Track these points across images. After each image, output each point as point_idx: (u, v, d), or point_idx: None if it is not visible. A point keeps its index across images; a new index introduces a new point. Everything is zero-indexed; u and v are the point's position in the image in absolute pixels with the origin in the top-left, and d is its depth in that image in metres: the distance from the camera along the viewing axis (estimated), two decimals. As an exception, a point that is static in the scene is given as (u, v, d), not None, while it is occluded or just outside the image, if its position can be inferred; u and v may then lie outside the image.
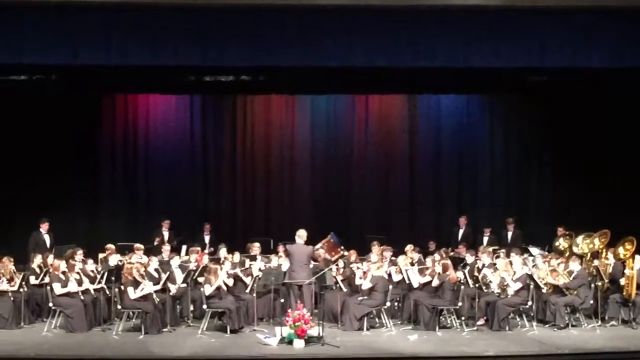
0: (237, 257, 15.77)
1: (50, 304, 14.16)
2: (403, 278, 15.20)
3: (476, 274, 15.17)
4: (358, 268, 15.10)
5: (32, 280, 15.03)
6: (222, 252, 16.06)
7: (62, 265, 14.38)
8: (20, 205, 18.65)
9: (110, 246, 16.35)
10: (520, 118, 20.34)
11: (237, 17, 14.45)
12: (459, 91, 19.40)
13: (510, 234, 18.49)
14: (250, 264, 15.52)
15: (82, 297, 14.13)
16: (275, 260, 15.79)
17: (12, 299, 14.37)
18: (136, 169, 20.18)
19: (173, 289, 14.65)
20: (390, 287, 14.66)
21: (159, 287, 14.24)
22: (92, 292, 14.52)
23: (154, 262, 14.94)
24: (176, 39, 14.49)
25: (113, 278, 14.52)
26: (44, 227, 17.38)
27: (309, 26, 14.57)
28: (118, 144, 20.13)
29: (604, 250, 16.05)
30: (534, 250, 16.98)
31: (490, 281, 14.77)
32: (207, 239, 18.46)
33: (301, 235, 14.79)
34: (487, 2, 14.44)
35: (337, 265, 15.69)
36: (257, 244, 16.54)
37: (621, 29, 14.63)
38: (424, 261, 15.82)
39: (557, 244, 17.41)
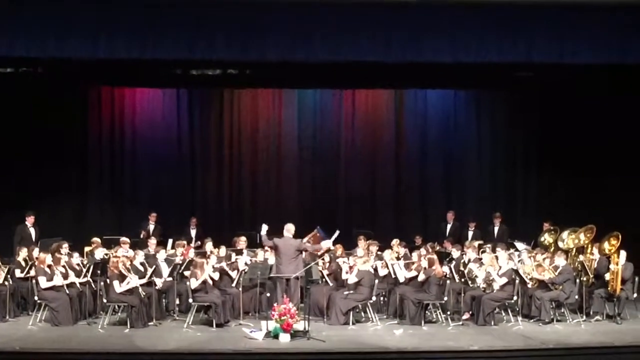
0: (223, 251, 15.78)
1: (36, 298, 14.13)
2: (389, 272, 15.22)
3: (462, 268, 15.21)
4: (344, 262, 15.12)
5: (18, 273, 14.97)
6: (208, 246, 16.08)
7: (48, 258, 14.35)
8: (5, 199, 18.57)
9: (96, 240, 16.34)
10: (507, 113, 20.38)
11: (224, 11, 14.40)
12: (445, 86, 19.44)
13: (496, 229, 18.54)
14: (236, 258, 15.51)
15: (67, 291, 14.09)
16: (261, 254, 15.77)
17: (-3, 292, 14.37)
18: (123, 162, 20.14)
19: (159, 282, 14.65)
20: (376, 281, 14.68)
21: (144, 280, 14.23)
22: (78, 285, 14.47)
23: (140, 256, 14.93)
24: (163, 32, 14.43)
25: (99, 272, 14.48)
26: (29, 221, 17.32)
27: (297, 20, 14.53)
28: (105, 138, 20.08)
29: (589, 245, 16.09)
30: (520, 245, 17.02)
31: (476, 276, 14.81)
32: (193, 232, 18.44)
33: (289, 229, 14.77)
34: (474, -2, 14.48)
35: (323, 259, 15.71)
36: (243, 238, 16.57)
37: (608, 26, 14.64)
38: (410, 256, 15.87)
39: (542, 239, 17.46)
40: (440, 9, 14.54)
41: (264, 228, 14.93)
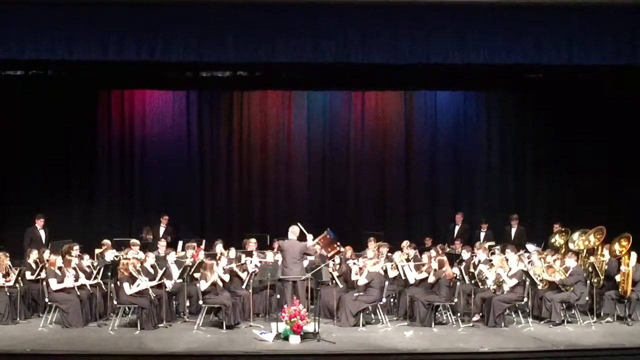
0: (232, 252, 15.78)
1: (46, 300, 14.14)
2: (399, 274, 15.22)
3: (472, 270, 15.17)
4: (354, 264, 15.11)
5: (28, 275, 15.01)
6: (218, 247, 16.07)
7: (59, 260, 14.38)
8: (15, 201, 18.65)
9: (107, 242, 16.32)
10: (516, 115, 20.34)
11: (234, 13, 14.43)
12: (455, 88, 19.41)
13: (514, 230, 18.46)
14: (246, 260, 15.52)
15: (78, 293, 14.12)
16: (271, 255, 15.77)
17: (8, 294, 14.36)
18: (132, 164, 20.12)
19: (169, 284, 14.67)
20: (386, 283, 14.66)
21: (155, 282, 14.24)
22: (89, 287, 14.51)
23: (150, 258, 14.93)
24: (172, 35, 14.45)
25: (109, 273, 14.49)
26: (39, 223, 17.32)
27: (306, 22, 14.55)
28: (114, 140, 20.07)
29: (600, 246, 16.04)
30: (530, 246, 16.99)
31: (486, 277, 14.79)
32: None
33: (294, 231, 14.72)
34: (483, -1, 14.49)
35: (333, 261, 15.70)
36: (253, 240, 16.57)
37: (617, 27, 14.64)
38: (420, 257, 15.84)
39: (552, 240, 17.42)
40: (449, 10, 14.55)
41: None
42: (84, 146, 19.74)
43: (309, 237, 14.89)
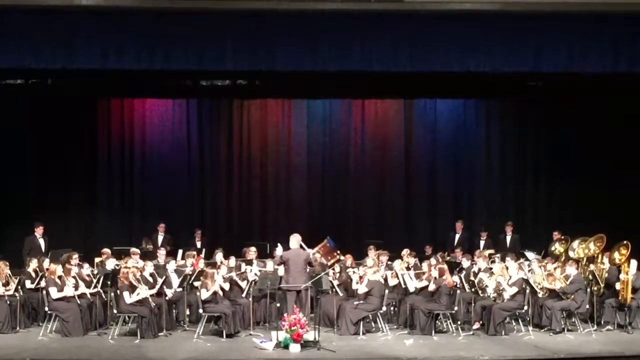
0: (232, 261, 15.76)
1: (46, 308, 14.12)
2: (399, 282, 15.21)
3: (472, 278, 15.16)
4: (354, 272, 15.09)
5: (28, 284, 14.98)
6: (218, 256, 16.04)
7: (59, 269, 14.35)
8: (15, 209, 18.61)
9: (107, 250, 16.30)
10: (516, 122, 20.33)
11: (233, 22, 14.47)
12: (455, 96, 19.43)
13: (508, 238, 18.49)
14: (246, 268, 15.50)
15: (78, 302, 14.09)
16: (270, 264, 15.75)
17: (8, 303, 14.33)
18: (132, 173, 20.10)
19: (169, 293, 14.66)
20: (387, 291, 14.64)
21: (154, 291, 14.23)
22: (89, 296, 14.49)
23: (150, 267, 14.92)
24: (172, 43, 14.49)
25: (109, 282, 14.48)
26: (38, 231, 17.29)
27: (306, 31, 14.59)
28: (114, 148, 20.05)
29: (600, 254, 16.04)
30: (530, 254, 16.97)
31: (487, 285, 14.78)
32: (198, 245, 18.34)
33: (297, 239, 14.73)
34: (483, 8, 14.48)
35: (333, 269, 15.69)
36: (253, 249, 16.54)
37: (616, 34, 14.69)
38: (420, 265, 15.82)
39: (552, 248, 17.39)
40: (449, 19, 14.57)
41: (280, 249, 14.96)
42: (83, 154, 19.73)
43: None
